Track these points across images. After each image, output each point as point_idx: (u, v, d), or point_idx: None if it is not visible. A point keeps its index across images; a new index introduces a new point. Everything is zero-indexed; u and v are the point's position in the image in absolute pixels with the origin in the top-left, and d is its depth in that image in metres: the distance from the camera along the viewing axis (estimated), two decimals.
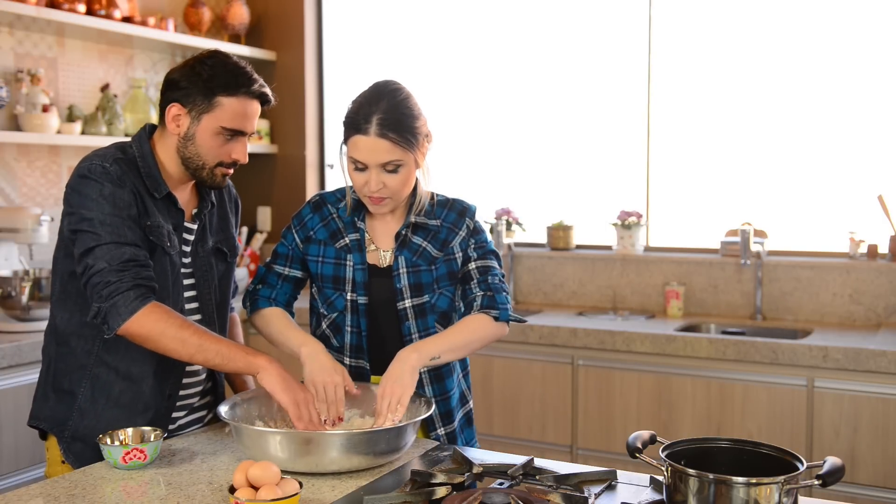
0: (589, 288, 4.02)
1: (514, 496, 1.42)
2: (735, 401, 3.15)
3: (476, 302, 1.94)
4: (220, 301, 2.05)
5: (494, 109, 4.38)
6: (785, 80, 3.75)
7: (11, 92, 3.63)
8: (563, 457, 3.41)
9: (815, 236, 3.73)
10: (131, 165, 1.86)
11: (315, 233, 2.01)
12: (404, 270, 1.94)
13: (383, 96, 1.85)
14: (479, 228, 2.03)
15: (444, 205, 2.02)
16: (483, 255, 1.99)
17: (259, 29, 4.73)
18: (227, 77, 1.85)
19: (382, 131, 1.81)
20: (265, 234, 4.76)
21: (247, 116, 1.89)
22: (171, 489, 1.58)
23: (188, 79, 1.85)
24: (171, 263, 1.89)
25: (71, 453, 1.89)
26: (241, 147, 1.92)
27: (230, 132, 1.87)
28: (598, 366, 3.39)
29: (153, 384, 1.89)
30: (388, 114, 1.82)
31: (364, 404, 1.88)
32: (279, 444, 1.61)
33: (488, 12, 4.36)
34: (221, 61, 1.88)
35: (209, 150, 1.88)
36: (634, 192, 4.04)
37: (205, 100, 1.85)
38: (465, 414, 2.08)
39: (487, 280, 1.96)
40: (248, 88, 1.87)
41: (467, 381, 2.11)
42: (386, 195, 1.87)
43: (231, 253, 2.09)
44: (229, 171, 1.94)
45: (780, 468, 1.40)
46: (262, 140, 4.67)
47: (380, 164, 1.83)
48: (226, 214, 2.10)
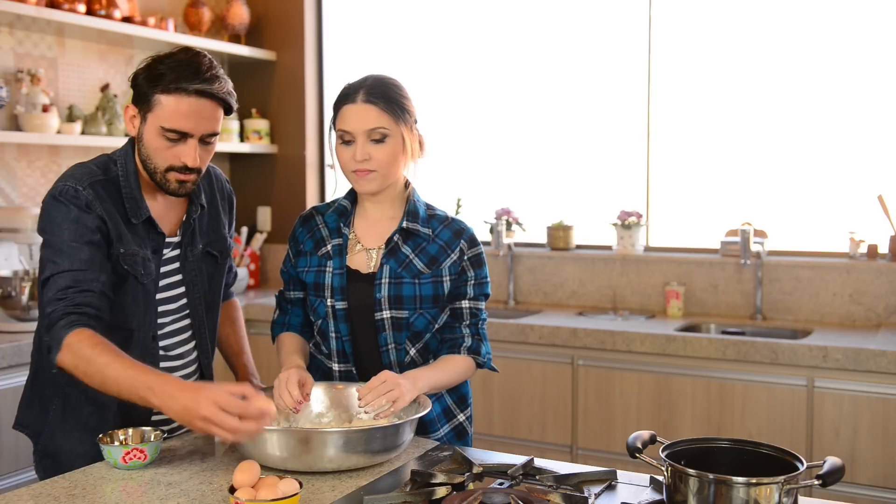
0: (589, 288, 4.02)
1: (514, 496, 1.42)
2: (735, 401, 3.15)
3: (464, 343, 1.96)
4: (210, 302, 2.02)
5: (494, 109, 4.37)
6: (785, 81, 3.75)
7: (11, 92, 3.63)
8: (563, 457, 3.41)
9: (815, 236, 3.72)
10: (111, 187, 1.81)
11: (303, 245, 2.01)
12: (387, 280, 1.91)
13: (372, 76, 1.91)
14: (481, 260, 1.99)
15: (441, 220, 1.98)
16: (478, 295, 1.98)
17: (259, 29, 4.73)
18: (171, 74, 1.74)
19: (369, 98, 1.85)
20: (265, 234, 4.76)
21: (187, 116, 1.75)
22: (171, 489, 1.58)
23: (140, 77, 1.78)
24: (145, 291, 1.86)
25: (42, 468, 1.88)
26: (188, 150, 1.78)
27: (172, 133, 1.76)
28: (598, 366, 3.39)
29: (116, 412, 1.86)
30: (376, 85, 1.87)
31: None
32: (276, 442, 1.61)
33: (488, 12, 4.36)
34: (179, 58, 1.77)
35: (156, 152, 1.79)
36: (634, 192, 4.04)
37: (147, 98, 1.76)
38: (455, 428, 2.04)
39: (477, 325, 1.99)
40: (186, 85, 1.73)
41: (456, 394, 2.05)
42: (372, 167, 1.86)
43: (222, 254, 2.04)
44: (187, 178, 1.81)
45: (780, 468, 1.40)
46: (262, 140, 4.67)
47: (366, 130, 1.84)
48: (217, 214, 2.04)
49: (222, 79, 1.81)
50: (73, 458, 1.83)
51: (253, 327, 4.06)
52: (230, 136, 4.51)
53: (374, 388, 1.74)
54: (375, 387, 1.74)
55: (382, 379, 1.75)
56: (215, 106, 1.80)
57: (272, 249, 4.78)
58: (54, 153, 3.86)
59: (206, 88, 1.76)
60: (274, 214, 4.78)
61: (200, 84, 1.75)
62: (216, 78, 1.78)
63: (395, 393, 1.73)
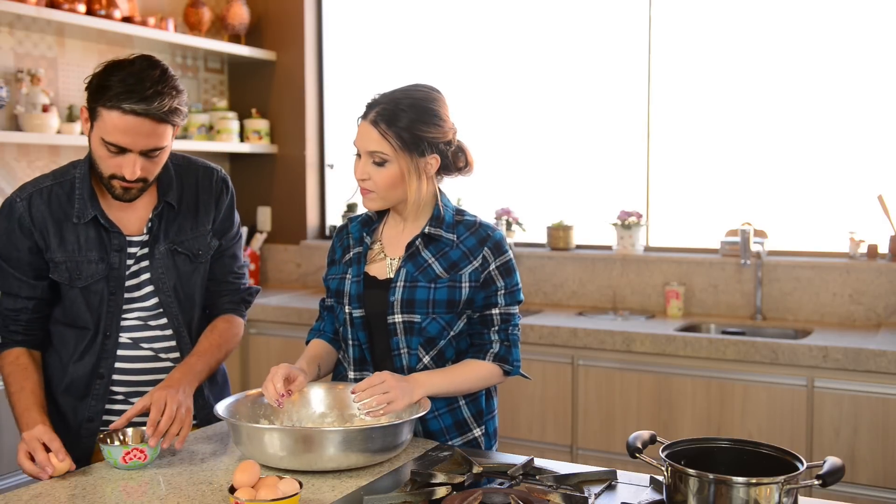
0: (589, 288, 4.02)
1: (514, 496, 1.42)
2: (735, 401, 3.15)
3: (491, 349, 1.90)
4: (186, 301, 2.01)
5: (494, 109, 4.38)
6: (785, 81, 3.75)
7: (11, 92, 3.63)
8: (563, 457, 3.41)
9: (815, 236, 3.73)
10: (59, 191, 1.90)
11: (336, 254, 2.03)
12: (401, 284, 1.87)
13: (402, 91, 1.86)
14: (510, 267, 1.92)
15: (468, 226, 1.93)
16: (510, 302, 1.91)
17: (259, 29, 4.73)
18: (116, 88, 1.74)
19: (375, 119, 1.82)
20: (265, 234, 4.76)
21: (124, 132, 1.75)
22: (171, 489, 1.58)
23: (92, 82, 1.80)
24: (97, 291, 1.91)
25: None
26: (128, 163, 1.79)
27: (112, 146, 1.78)
28: (598, 366, 3.39)
29: (73, 413, 1.96)
30: (390, 105, 1.82)
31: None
32: (275, 441, 1.62)
33: (488, 13, 4.36)
34: (130, 70, 1.77)
35: (100, 159, 1.83)
36: (634, 192, 4.04)
37: (92, 108, 1.79)
38: (468, 443, 1.94)
39: (508, 329, 1.91)
40: (126, 104, 1.73)
41: (474, 406, 1.96)
42: (371, 188, 1.85)
43: (198, 254, 2.02)
44: (130, 186, 1.84)
45: (780, 468, 1.40)
46: (262, 140, 4.67)
47: (367, 151, 1.83)
48: (195, 213, 2.02)
49: (167, 95, 1.78)
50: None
51: (253, 327, 4.06)
52: (230, 136, 4.51)
53: (369, 387, 1.73)
54: (371, 386, 1.73)
55: (381, 379, 1.74)
56: (155, 123, 1.78)
57: (272, 249, 4.78)
58: (54, 153, 3.86)
59: (144, 109, 1.74)
60: (274, 214, 4.78)
61: (138, 104, 1.74)
62: (159, 95, 1.76)
63: (390, 395, 1.72)
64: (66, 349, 1.95)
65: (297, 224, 4.73)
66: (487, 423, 2.00)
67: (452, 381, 1.85)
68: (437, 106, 1.87)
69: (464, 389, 1.89)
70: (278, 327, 4.00)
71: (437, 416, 1.92)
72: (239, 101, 4.79)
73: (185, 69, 4.57)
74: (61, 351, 1.96)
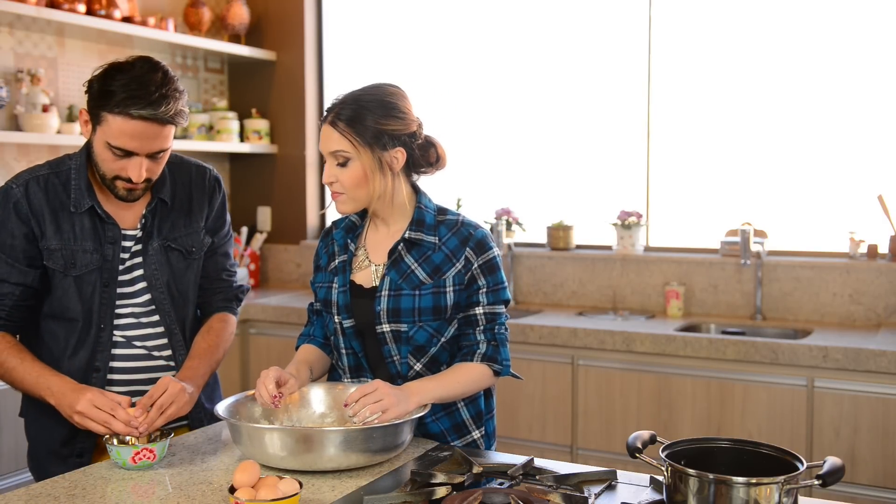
0: (589, 288, 4.02)
1: (514, 496, 1.42)
2: (735, 401, 3.15)
3: (478, 350, 1.88)
4: (179, 298, 2.02)
5: (494, 109, 4.38)
6: (784, 81, 3.75)
7: (11, 92, 3.63)
8: (563, 457, 3.41)
9: (815, 236, 3.73)
10: (55, 180, 1.89)
11: (321, 260, 2.01)
12: (386, 293, 1.86)
13: (362, 91, 1.84)
14: (493, 265, 1.90)
15: (450, 226, 1.91)
16: (495, 301, 1.89)
17: (259, 29, 4.73)
18: (120, 93, 1.76)
19: (334, 120, 1.81)
20: (265, 234, 4.76)
21: (132, 137, 1.78)
22: (171, 489, 1.58)
23: (94, 87, 1.81)
24: (90, 282, 1.90)
25: (32, 469, 1.97)
26: (134, 166, 1.82)
27: (118, 150, 1.80)
28: (598, 366, 3.39)
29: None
30: (349, 105, 1.81)
31: None
32: (275, 441, 1.62)
33: (488, 12, 4.36)
34: (132, 74, 1.78)
35: (103, 162, 1.84)
36: (634, 192, 4.04)
37: (96, 113, 1.80)
38: (468, 445, 1.94)
39: (494, 329, 1.89)
40: (133, 110, 1.76)
41: (473, 408, 1.96)
42: (340, 190, 1.83)
43: (191, 251, 2.03)
44: (134, 187, 1.86)
45: (780, 468, 1.40)
46: (262, 140, 4.67)
47: (329, 153, 1.82)
48: (188, 210, 2.04)
49: (171, 98, 1.80)
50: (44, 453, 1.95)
51: (252, 327, 4.06)
52: (230, 136, 4.51)
53: (362, 396, 1.70)
54: (363, 395, 1.70)
55: (373, 387, 1.71)
56: (161, 126, 1.80)
57: (272, 249, 4.78)
58: (54, 153, 3.86)
59: (151, 114, 1.77)
60: (274, 214, 4.78)
61: (145, 109, 1.76)
62: (165, 98, 1.78)
63: (384, 403, 1.69)
64: (56, 344, 1.94)
65: (297, 224, 4.73)
66: (487, 423, 2.00)
67: (446, 386, 1.83)
68: (396, 99, 1.85)
69: (459, 393, 1.86)
70: (278, 327, 4.00)
71: (435, 420, 1.92)
72: (239, 101, 4.79)
73: (185, 69, 4.57)
74: (52, 346, 1.94)
